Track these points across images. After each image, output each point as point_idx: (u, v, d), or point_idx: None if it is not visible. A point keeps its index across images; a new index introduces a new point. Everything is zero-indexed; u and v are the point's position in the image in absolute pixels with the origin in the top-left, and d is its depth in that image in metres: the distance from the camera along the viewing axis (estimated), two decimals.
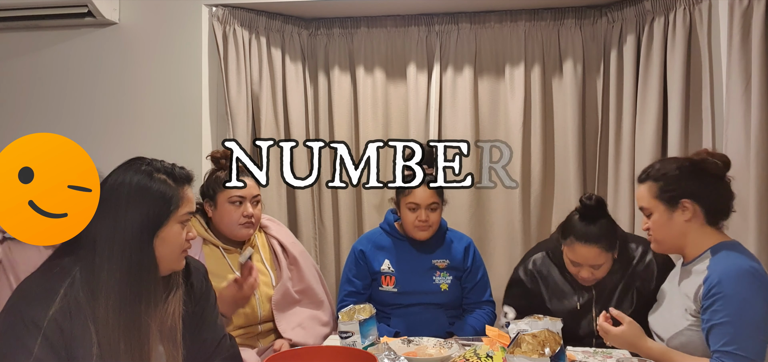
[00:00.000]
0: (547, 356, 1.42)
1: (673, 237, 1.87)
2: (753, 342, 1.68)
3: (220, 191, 2.20)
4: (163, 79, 3.08)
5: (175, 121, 3.05)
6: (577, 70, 3.10)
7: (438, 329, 2.37)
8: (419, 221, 2.41)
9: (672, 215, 1.86)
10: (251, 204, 2.21)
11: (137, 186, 1.39)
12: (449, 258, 2.50)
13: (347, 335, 1.86)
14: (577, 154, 3.09)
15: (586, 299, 2.22)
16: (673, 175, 1.86)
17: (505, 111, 3.19)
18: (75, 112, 3.12)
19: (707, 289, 1.74)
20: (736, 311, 1.68)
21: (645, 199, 1.91)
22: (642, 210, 1.94)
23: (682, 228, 1.86)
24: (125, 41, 3.10)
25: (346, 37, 3.29)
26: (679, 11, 2.74)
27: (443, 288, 2.47)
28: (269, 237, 2.37)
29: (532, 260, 2.33)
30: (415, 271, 2.48)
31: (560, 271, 2.26)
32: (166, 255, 1.42)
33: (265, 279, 2.22)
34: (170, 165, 1.47)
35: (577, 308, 2.21)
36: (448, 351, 1.93)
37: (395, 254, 2.49)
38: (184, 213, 1.44)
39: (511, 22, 3.17)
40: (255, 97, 3.14)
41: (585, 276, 2.15)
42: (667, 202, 1.86)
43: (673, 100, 2.76)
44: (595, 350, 1.99)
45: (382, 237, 2.54)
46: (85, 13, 2.98)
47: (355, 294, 2.48)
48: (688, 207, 1.84)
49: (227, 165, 2.22)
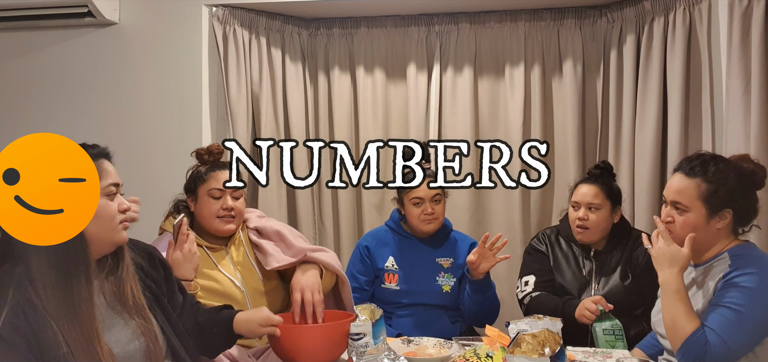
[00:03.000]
0: (547, 356, 1.42)
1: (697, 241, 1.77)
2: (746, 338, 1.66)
3: (200, 184, 2.21)
4: (163, 79, 3.07)
5: (175, 121, 3.05)
6: (577, 70, 3.10)
7: (440, 331, 2.37)
8: (425, 214, 2.43)
9: (710, 221, 1.76)
10: (231, 198, 2.21)
11: None
12: (454, 256, 2.50)
13: (359, 337, 1.84)
14: (577, 154, 3.09)
15: (588, 269, 2.38)
16: (728, 185, 1.75)
17: (505, 111, 3.20)
18: (75, 111, 3.12)
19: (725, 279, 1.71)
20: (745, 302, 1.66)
21: (686, 197, 1.77)
22: (674, 204, 1.80)
23: (711, 235, 1.78)
24: (125, 41, 3.10)
25: (346, 37, 3.29)
26: (678, 11, 2.74)
27: (445, 290, 2.47)
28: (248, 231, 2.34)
29: (541, 232, 2.58)
30: (419, 268, 2.48)
31: (567, 243, 2.46)
32: (98, 229, 1.44)
33: (254, 275, 2.21)
34: (80, 144, 1.46)
35: (584, 275, 2.37)
36: (448, 351, 1.92)
37: (400, 251, 2.50)
38: (106, 186, 1.46)
39: (511, 22, 3.17)
40: (255, 97, 3.14)
41: (581, 215, 2.35)
42: (710, 207, 1.75)
43: (673, 100, 2.76)
44: (595, 350, 1.99)
45: (388, 234, 2.56)
46: (85, 13, 2.98)
47: (359, 290, 2.48)
48: (727, 217, 1.76)
49: (209, 160, 2.23)
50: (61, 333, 1.34)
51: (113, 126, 3.08)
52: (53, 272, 1.36)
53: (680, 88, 2.73)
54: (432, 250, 2.51)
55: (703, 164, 1.79)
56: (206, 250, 2.21)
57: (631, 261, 2.36)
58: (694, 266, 1.88)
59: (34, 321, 1.33)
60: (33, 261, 1.36)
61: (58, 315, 1.35)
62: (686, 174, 1.80)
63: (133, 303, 1.50)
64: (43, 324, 1.33)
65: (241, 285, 2.16)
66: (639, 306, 2.28)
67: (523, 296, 2.41)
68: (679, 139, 2.73)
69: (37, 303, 1.34)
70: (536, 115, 3.14)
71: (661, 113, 2.83)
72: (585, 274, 2.38)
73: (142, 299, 1.53)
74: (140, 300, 1.52)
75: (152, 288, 1.61)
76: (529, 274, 2.44)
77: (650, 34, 2.86)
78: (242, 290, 2.16)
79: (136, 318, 1.49)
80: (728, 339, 1.65)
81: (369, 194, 3.28)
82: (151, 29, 3.09)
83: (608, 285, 2.34)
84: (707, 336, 1.66)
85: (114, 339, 1.45)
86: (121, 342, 1.46)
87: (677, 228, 1.80)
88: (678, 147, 2.72)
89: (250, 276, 2.20)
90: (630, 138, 2.94)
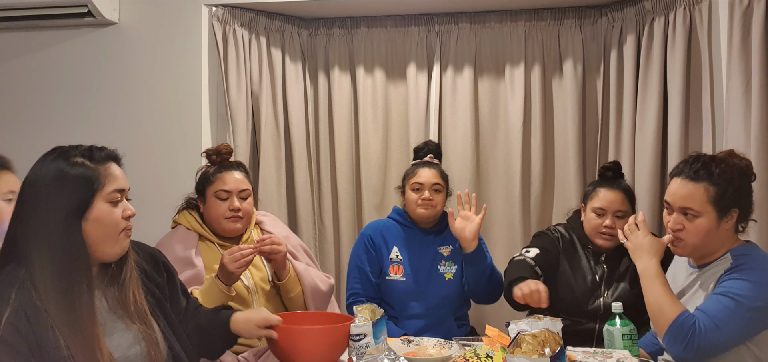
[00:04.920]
0: (547, 356, 1.42)
1: (709, 244, 1.77)
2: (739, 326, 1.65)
3: (208, 185, 2.24)
4: (163, 79, 3.07)
5: (175, 121, 3.05)
6: (577, 70, 3.10)
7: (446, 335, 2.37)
8: (422, 199, 2.47)
9: (720, 223, 1.75)
10: (238, 199, 2.23)
11: (55, 175, 1.39)
12: (454, 243, 2.51)
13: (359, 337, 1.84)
14: (577, 154, 3.09)
15: (599, 274, 2.31)
16: (734, 185, 1.75)
17: (505, 111, 3.19)
18: (75, 112, 3.11)
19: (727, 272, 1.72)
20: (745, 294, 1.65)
21: (697, 202, 1.75)
22: (682, 211, 1.78)
23: (722, 237, 1.77)
24: (125, 41, 3.10)
25: (346, 37, 3.29)
26: (679, 11, 2.74)
27: (448, 278, 2.50)
28: (264, 233, 2.37)
29: (555, 227, 2.48)
30: (422, 258, 2.51)
31: (580, 245, 2.37)
32: (101, 236, 1.42)
33: (262, 275, 2.22)
34: (88, 147, 1.46)
35: (596, 279, 2.30)
36: (448, 351, 1.92)
37: (403, 240, 2.54)
38: (111, 191, 1.43)
39: (511, 22, 3.17)
40: (255, 97, 3.14)
41: (608, 223, 2.26)
42: (720, 209, 1.74)
43: (673, 100, 2.76)
44: (595, 350, 1.99)
45: (390, 224, 2.59)
46: (85, 13, 2.97)
47: (365, 281, 2.50)
48: (734, 216, 1.76)
49: (217, 160, 2.26)
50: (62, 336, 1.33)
51: (113, 126, 3.07)
52: (54, 275, 1.36)
53: (680, 88, 2.73)
54: (433, 239, 2.54)
55: (705, 167, 1.78)
56: (217, 246, 2.24)
57: None
58: (698, 267, 1.88)
59: (36, 324, 1.32)
60: (35, 263, 1.35)
61: (59, 318, 1.34)
62: (691, 179, 1.78)
63: (135, 308, 1.49)
64: (45, 326, 1.33)
65: (248, 282, 2.18)
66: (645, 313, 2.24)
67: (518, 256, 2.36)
68: (679, 139, 2.73)
69: (39, 305, 1.34)
70: (536, 115, 3.14)
71: (661, 113, 2.83)
72: (597, 279, 2.32)
73: (144, 304, 1.52)
74: (142, 306, 1.51)
75: (155, 293, 1.60)
76: (534, 247, 2.38)
77: (650, 34, 2.86)
78: (249, 287, 2.17)
79: (138, 323, 1.49)
80: (721, 324, 1.64)
81: (369, 194, 3.28)
82: (151, 29, 3.08)
83: (618, 290, 2.29)
84: (697, 318, 1.66)
85: (114, 343, 1.44)
86: (122, 346, 1.46)
87: (689, 235, 1.78)
88: (678, 147, 2.72)
89: (258, 274, 2.21)
90: (630, 138, 2.94)
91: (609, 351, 1.95)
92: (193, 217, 2.27)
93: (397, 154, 3.27)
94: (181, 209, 2.32)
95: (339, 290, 3.22)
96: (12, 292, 1.33)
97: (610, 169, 2.41)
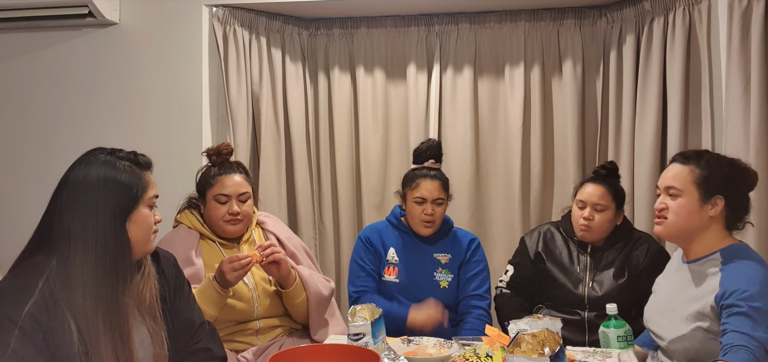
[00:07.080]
0: (547, 356, 1.42)
1: (690, 227, 1.84)
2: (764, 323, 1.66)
3: (208, 188, 2.24)
4: (163, 79, 3.08)
5: (175, 121, 3.05)
6: (577, 70, 3.11)
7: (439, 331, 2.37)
8: (425, 214, 2.45)
9: (702, 206, 1.83)
10: (237, 202, 2.23)
11: (105, 177, 1.45)
12: (452, 252, 2.51)
13: (358, 337, 1.84)
14: (577, 154, 3.10)
15: (582, 264, 2.42)
16: (722, 171, 1.83)
17: (505, 111, 3.20)
18: (75, 112, 3.12)
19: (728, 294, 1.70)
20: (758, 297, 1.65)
21: (680, 180, 1.85)
22: (667, 190, 1.88)
23: (704, 222, 1.83)
24: (125, 41, 3.10)
25: (346, 38, 3.29)
26: (678, 11, 2.74)
27: (443, 286, 2.48)
28: (266, 233, 2.37)
29: (538, 227, 2.62)
30: (418, 264, 2.50)
31: (563, 239, 2.49)
32: (139, 238, 1.50)
33: (263, 275, 2.22)
34: (131, 152, 1.54)
35: (578, 270, 2.41)
36: (448, 351, 1.93)
37: (400, 245, 2.52)
38: (150, 197, 1.52)
39: (511, 23, 3.17)
40: (255, 97, 3.14)
41: (586, 215, 2.36)
42: (704, 192, 1.82)
43: (673, 100, 2.76)
44: (594, 350, 1.99)
45: (388, 229, 2.57)
46: (85, 13, 2.98)
47: (366, 275, 2.49)
48: (718, 205, 1.82)
49: (218, 160, 2.27)
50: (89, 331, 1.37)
51: (113, 126, 3.08)
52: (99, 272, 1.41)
53: (680, 88, 2.74)
54: (431, 246, 2.52)
55: (697, 153, 1.88)
56: (219, 246, 2.24)
57: (630, 260, 2.37)
58: (687, 263, 1.89)
59: (54, 317, 1.35)
60: (75, 258, 1.39)
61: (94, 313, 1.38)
62: (681, 163, 1.88)
63: (149, 305, 1.54)
64: (61, 320, 1.36)
65: (249, 282, 2.18)
66: (633, 308, 2.27)
67: (498, 285, 2.56)
68: (679, 139, 2.74)
69: (61, 299, 1.37)
70: (536, 115, 3.14)
71: (661, 113, 2.83)
72: (579, 269, 2.42)
73: (156, 304, 1.57)
74: (154, 304, 1.56)
75: (165, 297, 1.63)
76: (510, 267, 2.57)
77: (650, 34, 2.86)
78: (250, 287, 2.17)
79: (148, 321, 1.53)
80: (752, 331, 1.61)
81: (369, 194, 3.28)
82: (151, 29, 3.09)
83: (602, 280, 2.37)
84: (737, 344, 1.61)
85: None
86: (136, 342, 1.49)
87: (671, 213, 1.86)
88: (678, 147, 2.72)
89: (259, 274, 2.21)
90: (630, 138, 2.94)
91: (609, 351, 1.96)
92: (195, 216, 2.28)
93: (397, 154, 3.27)
94: (182, 208, 2.33)
95: (339, 290, 3.23)
96: (39, 282, 1.37)
97: (603, 167, 2.48)
